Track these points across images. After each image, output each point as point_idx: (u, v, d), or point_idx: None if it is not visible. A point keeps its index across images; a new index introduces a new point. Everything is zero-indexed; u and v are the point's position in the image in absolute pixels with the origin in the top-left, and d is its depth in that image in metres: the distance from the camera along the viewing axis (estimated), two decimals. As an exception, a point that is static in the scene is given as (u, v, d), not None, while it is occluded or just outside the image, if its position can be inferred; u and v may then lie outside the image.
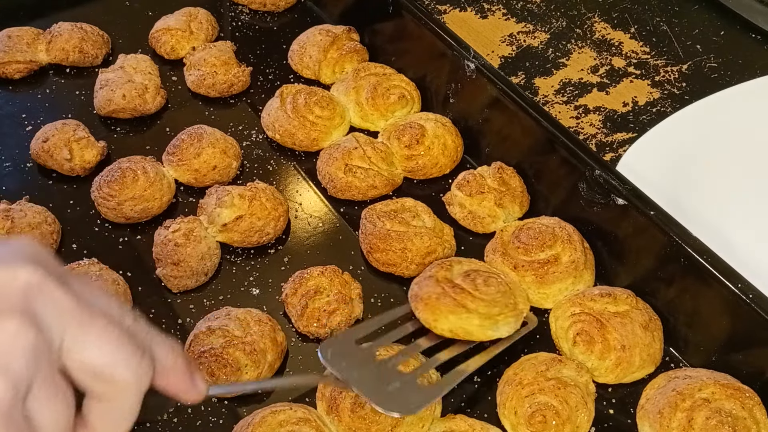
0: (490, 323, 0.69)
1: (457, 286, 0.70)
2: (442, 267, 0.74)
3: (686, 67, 1.11)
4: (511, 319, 0.71)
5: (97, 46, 1.07)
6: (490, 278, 0.72)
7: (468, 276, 0.72)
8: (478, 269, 0.75)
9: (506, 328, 0.71)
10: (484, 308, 0.69)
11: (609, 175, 0.81)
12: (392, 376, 0.66)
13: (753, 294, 0.71)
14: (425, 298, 0.70)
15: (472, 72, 0.93)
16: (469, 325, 0.69)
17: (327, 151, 0.94)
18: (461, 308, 0.68)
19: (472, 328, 0.69)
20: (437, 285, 0.70)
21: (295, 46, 1.09)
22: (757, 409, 0.70)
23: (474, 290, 0.70)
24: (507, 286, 0.74)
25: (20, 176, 0.93)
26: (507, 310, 0.71)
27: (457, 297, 0.69)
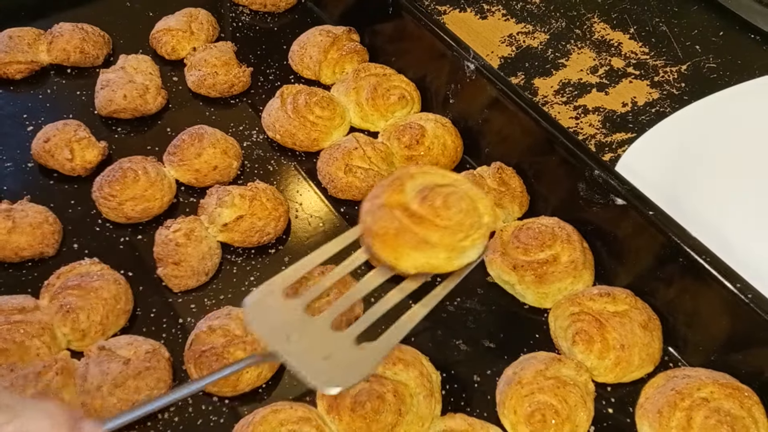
0: (458, 252, 0.61)
1: (415, 216, 0.61)
2: (394, 188, 0.63)
3: (685, 67, 1.11)
4: (479, 241, 0.63)
5: (98, 47, 1.07)
6: (449, 196, 0.62)
7: (425, 198, 0.62)
8: (434, 184, 0.64)
9: (474, 251, 0.63)
10: (449, 237, 0.61)
11: (608, 176, 0.81)
12: (327, 338, 0.58)
13: (752, 294, 0.72)
14: (381, 233, 0.60)
15: (472, 72, 0.94)
16: (435, 259, 0.61)
17: (327, 152, 0.95)
18: (424, 243, 0.60)
19: (439, 261, 0.61)
20: (392, 215, 0.61)
21: (295, 47, 1.10)
22: (756, 409, 0.70)
23: (435, 216, 0.61)
24: (468, 198, 0.64)
25: (21, 176, 0.93)
26: (473, 231, 0.62)
27: (418, 230, 0.60)
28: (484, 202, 0.65)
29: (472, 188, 0.65)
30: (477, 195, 0.65)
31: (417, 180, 0.64)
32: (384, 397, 0.70)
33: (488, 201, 0.65)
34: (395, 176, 0.64)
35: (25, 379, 0.70)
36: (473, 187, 0.66)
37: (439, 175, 0.66)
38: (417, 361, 0.74)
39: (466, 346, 0.79)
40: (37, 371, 0.70)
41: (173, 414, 0.73)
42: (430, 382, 0.73)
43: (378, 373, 0.72)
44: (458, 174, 0.65)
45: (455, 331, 0.80)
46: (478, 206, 0.64)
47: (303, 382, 0.55)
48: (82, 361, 0.73)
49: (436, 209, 0.62)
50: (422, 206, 0.62)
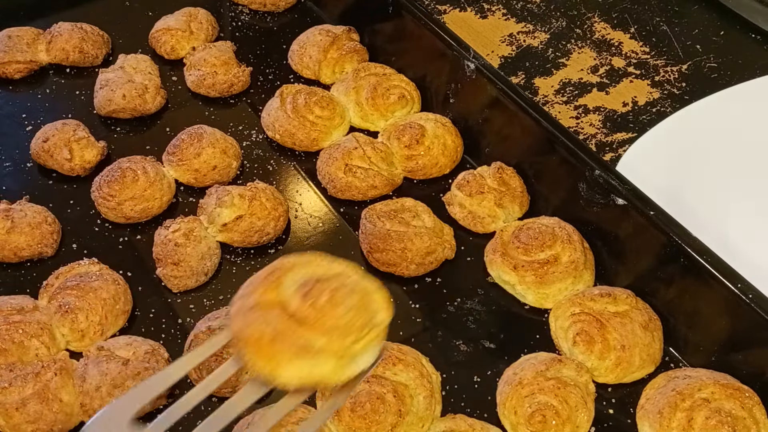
0: (348, 359, 0.52)
1: (295, 317, 0.51)
2: (269, 284, 0.54)
3: (686, 67, 1.11)
4: (373, 344, 0.53)
5: (97, 46, 1.07)
6: (336, 292, 0.53)
7: (307, 294, 0.52)
8: (318, 277, 0.55)
9: (367, 357, 0.53)
10: (337, 342, 0.51)
11: (609, 175, 0.81)
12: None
13: (752, 294, 0.71)
14: (255, 339, 0.51)
15: (472, 72, 0.93)
16: (321, 368, 0.51)
17: (327, 151, 0.95)
18: (307, 350, 0.50)
19: (326, 371, 0.51)
20: (267, 317, 0.51)
21: (295, 47, 1.09)
22: (757, 409, 0.70)
23: (319, 316, 0.52)
24: (359, 293, 0.55)
25: (20, 176, 0.93)
26: (365, 332, 0.53)
27: (300, 333, 0.51)
28: (378, 296, 0.56)
29: (363, 280, 0.56)
30: (369, 288, 0.56)
31: (297, 272, 0.55)
32: (384, 398, 0.70)
33: (382, 294, 0.56)
34: (270, 269, 0.55)
35: (24, 379, 0.70)
36: (364, 279, 0.56)
37: (323, 265, 0.56)
38: (417, 361, 0.74)
39: (467, 346, 0.79)
40: (36, 371, 0.70)
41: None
42: (431, 382, 0.73)
43: (378, 373, 0.72)
44: (346, 263, 0.56)
45: (455, 331, 0.80)
46: (370, 302, 0.55)
47: None
48: (81, 361, 0.73)
49: (321, 308, 0.52)
50: (304, 305, 0.52)
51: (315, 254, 0.57)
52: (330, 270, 0.56)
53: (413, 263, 0.83)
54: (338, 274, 0.56)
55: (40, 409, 0.69)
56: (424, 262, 0.83)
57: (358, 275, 0.56)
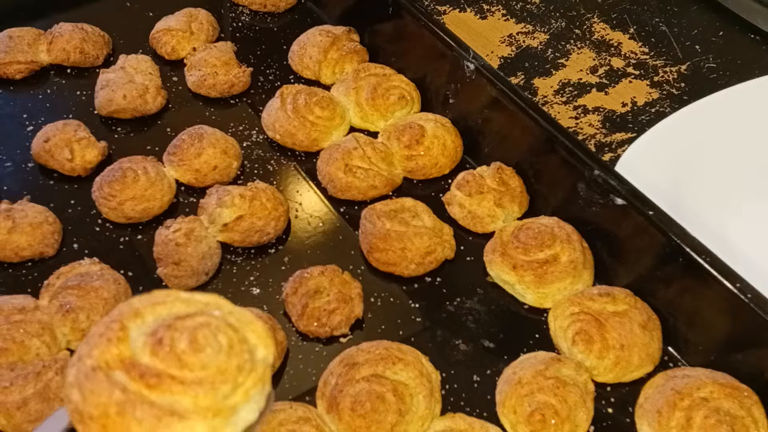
0: (224, 417, 0.41)
1: (148, 375, 0.40)
2: (110, 336, 0.41)
3: (685, 67, 1.11)
4: (256, 389, 0.42)
5: (98, 47, 1.08)
6: (198, 332, 0.42)
7: (159, 342, 0.41)
8: (174, 317, 0.43)
9: (251, 407, 0.42)
10: (206, 397, 0.40)
11: (608, 175, 0.81)
12: None
13: (752, 294, 0.72)
14: (97, 415, 0.39)
15: (472, 72, 0.94)
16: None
17: (327, 152, 0.95)
18: (169, 417, 0.39)
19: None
20: (110, 382, 0.40)
21: (295, 47, 1.10)
22: (756, 408, 0.70)
23: (179, 368, 0.41)
24: (228, 329, 0.43)
25: (21, 176, 0.93)
26: (244, 376, 0.42)
27: (156, 397, 0.40)
28: (256, 328, 0.44)
29: (233, 312, 0.45)
30: (243, 319, 0.44)
31: (147, 317, 0.43)
32: (384, 397, 0.70)
33: (260, 326, 0.45)
34: (111, 318, 0.43)
35: (24, 378, 0.70)
36: (236, 310, 0.45)
37: (179, 301, 0.45)
38: (417, 360, 0.74)
39: (466, 346, 0.79)
40: (37, 371, 0.71)
41: None
42: (430, 381, 0.73)
43: (378, 373, 0.72)
44: (210, 295, 0.46)
45: (455, 331, 0.80)
46: (246, 337, 0.43)
47: None
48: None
49: (180, 356, 0.41)
50: (157, 357, 0.41)
51: (168, 291, 0.46)
52: (189, 306, 0.44)
53: (413, 263, 0.83)
54: (200, 311, 0.44)
55: (41, 409, 0.69)
56: (423, 261, 0.84)
57: (228, 306, 0.45)
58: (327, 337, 0.78)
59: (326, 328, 0.78)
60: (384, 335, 0.79)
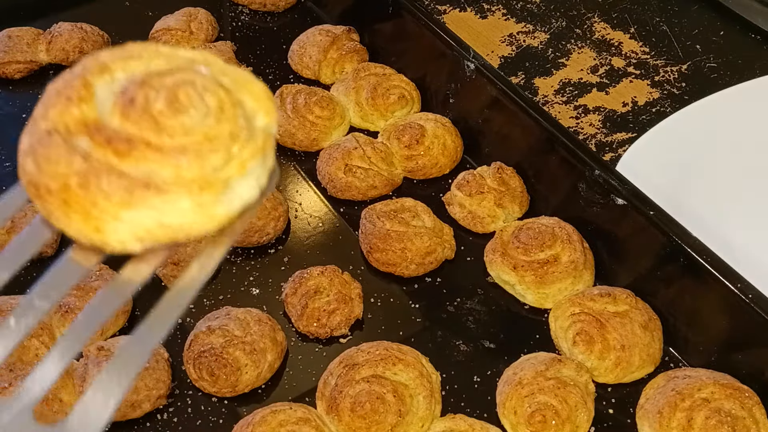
0: (215, 191, 0.33)
1: (117, 140, 0.32)
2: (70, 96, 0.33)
3: (686, 67, 1.11)
4: (254, 161, 0.34)
5: (97, 47, 1.07)
6: (180, 89, 0.33)
7: (129, 102, 0.33)
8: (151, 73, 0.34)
9: (248, 183, 0.34)
10: (191, 167, 0.32)
11: (608, 175, 0.81)
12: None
13: (752, 294, 0.71)
14: (56, 188, 0.33)
15: (472, 72, 0.93)
16: (172, 217, 0.33)
17: (327, 151, 0.95)
18: (145, 189, 0.32)
19: (181, 218, 0.33)
20: (70, 147, 0.32)
21: (295, 47, 1.09)
22: (757, 409, 0.70)
23: (157, 133, 0.32)
24: (219, 89, 0.34)
25: (20, 176, 0.93)
26: (239, 144, 0.34)
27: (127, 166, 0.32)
28: (254, 89, 0.36)
29: (226, 71, 0.36)
30: (238, 80, 0.36)
31: (117, 73, 0.35)
32: (384, 398, 0.70)
33: (259, 86, 0.36)
34: (72, 74, 0.34)
35: (24, 379, 0.70)
36: (230, 69, 0.36)
37: (159, 56, 0.35)
38: (417, 361, 0.74)
39: (466, 346, 0.79)
40: (36, 372, 0.70)
41: (172, 414, 0.73)
42: (430, 382, 0.73)
43: (378, 373, 0.72)
44: (196, 51, 0.36)
45: (455, 331, 0.80)
46: (242, 100, 0.35)
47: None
48: (81, 361, 0.73)
49: (157, 118, 0.32)
50: (128, 120, 0.32)
51: (146, 44, 0.36)
52: (171, 61, 0.35)
53: (413, 263, 0.83)
54: (183, 67, 0.35)
55: (40, 409, 0.69)
56: (423, 262, 0.83)
57: (219, 63, 0.36)
58: (327, 337, 0.78)
59: (326, 328, 0.78)
60: (384, 336, 0.78)
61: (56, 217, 0.34)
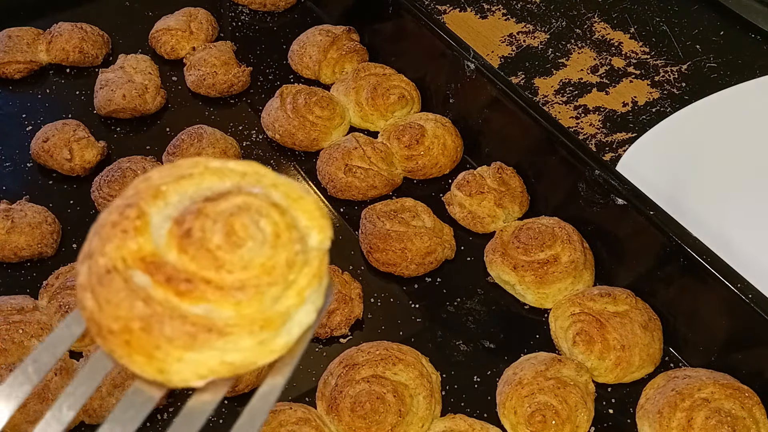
0: (275, 326, 0.33)
1: (176, 279, 0.32)
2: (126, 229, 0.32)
3: (686, 67, 1.11)
4: (312, 284, 0.34)
5: (97, 46, 1.07)
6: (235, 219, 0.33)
7: (186, 235, 0.32)
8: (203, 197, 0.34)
9: (307, 308, 0.34)
10: (251, 305, 0.32)
11: (608, 175, 0.81)
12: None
13: (752, 294, 0.71)
14: (118, 330, 0.32)
15: (472, 72, 0.93)
16: (234, 356, 0.33)
17: (327, 151, 0.94)
18: (207, 332, 0.32)
19: (243, 356, 0.33)
20: (131, 290, 0.32)
21: (295, 47, 1.09)
22: (757, 409, 0.70)
23: (215, 268, 0.32)
24: (272, 209, 0.34)
25: (20, 176, 0.93)
26: (295, 271, 0.33)
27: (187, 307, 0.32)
28: (307, 206, 0.35)
29: (277, 184, 0.35)
30: (290, 196, 0.35)
31: (170, 197, 0.34)
32: (384, 398, 0.70)
33: (312, 202, 0.35)
34: (125, 201, 0.34)
35: (23, 379, 0.70)
36: (281, 182, 0.35)
37: (209, 172, 0.35)
38: (417, 361, 0.74)
39: (466, 346, 0.79)
40: (36, 372, 0.70)
41: (172, 414, 0.73)
42: (430, 382, 0.73)
43: (378, 373, 0.72)
44: (245, 162, 0.36)
45: (455, 331, 0.80)
46: (296, 218, 0.34)
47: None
48: (81, 361, 0.73)
49: (215, 253, 0.32)
50: (186, 254, 0.32)
51: (196, 160, 0.35)
52: (222, 178, 0.35)
53: (413, 263, 0.83)
54: (236, 187, 0.34)
55: (40, 409, 0.69)
56: (424, 262, 0.83)
57: (270, 176, 0.35)
58: (327, 337, 0.78)
59: (326, 328, 0.78)
60: (384, 336, 0.78)
61: (118, 355, 0.33)
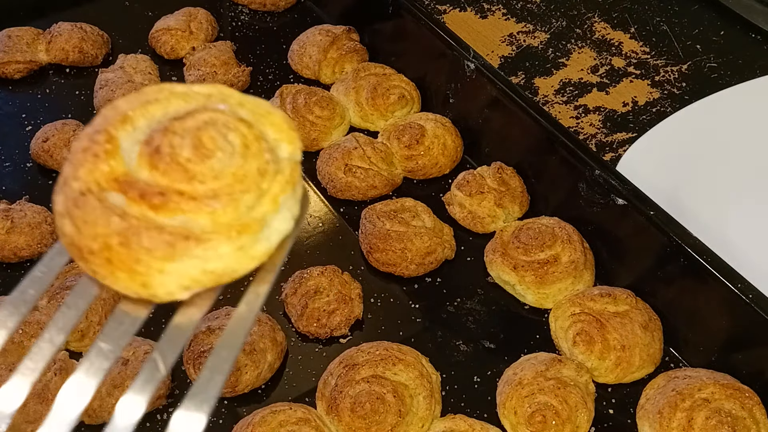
0: (252, 231, 0.34)
1: (149, 193, 0.33)
2: (96, 153, 0.33)
3: (686, 67, 1.11)
4: (285, 192, 0.35)
5: (97, 46, 1.07)
6: (203, 133, 0.34)
7: (156, 152, 0.33)
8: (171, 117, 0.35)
9: (284, 215, 0.35)
10: (226, 212, 0.33)
11: (609, 175, 0.81)
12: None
13: (753, 294, 0.71)
14: (98, 248, 0.33)
15: (472, 72, 0.93)
16: (215, 264, 0.34)
17: (327, 151, 0.94)
18: (185, 241, 0.32)
19: (224, 264, 0.34)
20: (106, 209, 0.32)
21: (294, 46, 1.09)
22: (757, 409, 0.70)
23: (187, 180, 0.33)
24: (240, 124, 0.35)
25: (20, 176, 0.93)
26: (267, 179, 0.34)
27: (164, 219, 0.33)
28: (274, 119, 0.36)
29: (244, 102, 0.37)
30: (257, 111, 0.36)
31: (138, 121, 0.35)
32: (384, 398, 0.70)
33: (279, 115, 0.37)
34: (94, 128, 0.34)
35: (23, 379, 0.70)
36: (247, 99, 0.37)
37: (175, 96, 0.36)
38: (417, 361, 0.74)
39: (466, 346, 0.79)
40: (36, 372, 0.70)
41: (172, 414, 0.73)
42: (430, 382, 0.73)
43: (378, 373, 0.72)
44: (211, 85, 0.37)
45: (455, 331, 0.80)
46: (264, 132, 0.36)
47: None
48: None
49: (185, 166, 0.33)
50: (157, 170, 0.33)
51: (161, 86, 0.37)
52: (188, 101, 0.36)
53: (413, 263, 0.83)
54: (202, 106, 0.35)
55: (40, 409, 0.69)
56: (423, 262, 0.83)
57: (236, 95, 0.37)
58: (327, 337, 0.78)
59: (326, 328, 0.77)
60: (384, 336, 0.78)
61: (101, 275, 0.34)
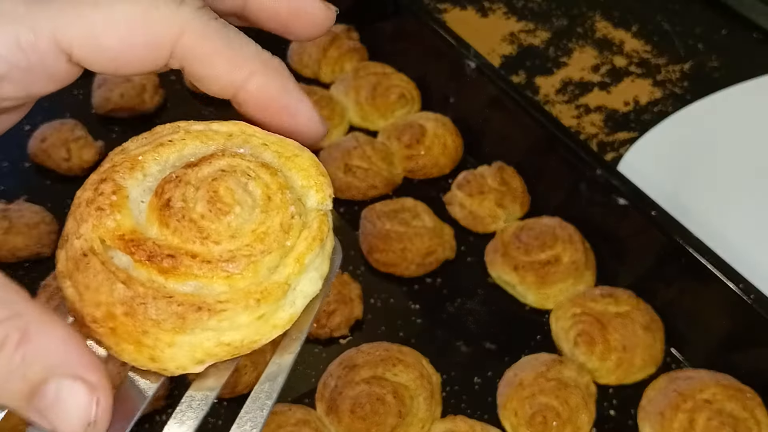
0: (274, 299, 0.30)
1: (157, 255, 0.29)
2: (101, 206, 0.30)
3: (688, 66, 1.10)
4: (313, 252, 0.31)
5: (96, 45, 1.07)
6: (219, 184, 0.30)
7: (167, 204, 0.30)
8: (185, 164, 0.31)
9: (310, 276, 0.31)
10: (245, 278, 0.29)
11: (610, 175, 0.81)
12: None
13: (754, 294, 0.71)
14: (101, 317, 0.30)
15: (473, 71, 0.93)
16: (231, 335, 0.31)
17: (326, 151, 0.94)
18: (195, 313, 0.29)
19: (242, 335, 0.31)
20: (108, 270, 0.29)
21: (294, 45, 1.09)
22: (759, 410, 0.70)
23: (201, 239, 0.29)
24: (264, 168, 0.32)
25: (18, 176, 0.93)
26: (293, 235, 0.30)
27: (171, 288, 0.29)
28: (302, 163, 0.32)
29: (267, 142, 0.33)
30: (282, 154, 0.32)
31: (149, 167, 0.31)
32: (384, 399, 0.70)
33: (307, 158, 0.33)
34: (100, 175, 0.31)
35: (20, 380, 0.69)
36: (271, 139, 0.33)
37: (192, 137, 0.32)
38: (417, 362, 0.73)
39: (467, 347, 0.79)
40: (33, 373, 0.70)
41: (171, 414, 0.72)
42: (431, 383, 0.73)
43: (378, 374, 0.71)
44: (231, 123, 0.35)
45: (456, 332, 0.80)
46: (290, 178, 0.32)
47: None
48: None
49: (198, 223, 0.29)
50: (167, 227, 0.29)
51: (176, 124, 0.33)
52: (207, 142, 0.32)
53: (413, 263, 0.83)
54: (220, 149, 0.31)
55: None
56: (424, 262, 0.83)
57: (259, 134, 0.33)
58: (326, 338, 0.78)
59: (325, 329, 0.77)
60: (384, 336, 0.78)
61: (106, 345, 0.30)
